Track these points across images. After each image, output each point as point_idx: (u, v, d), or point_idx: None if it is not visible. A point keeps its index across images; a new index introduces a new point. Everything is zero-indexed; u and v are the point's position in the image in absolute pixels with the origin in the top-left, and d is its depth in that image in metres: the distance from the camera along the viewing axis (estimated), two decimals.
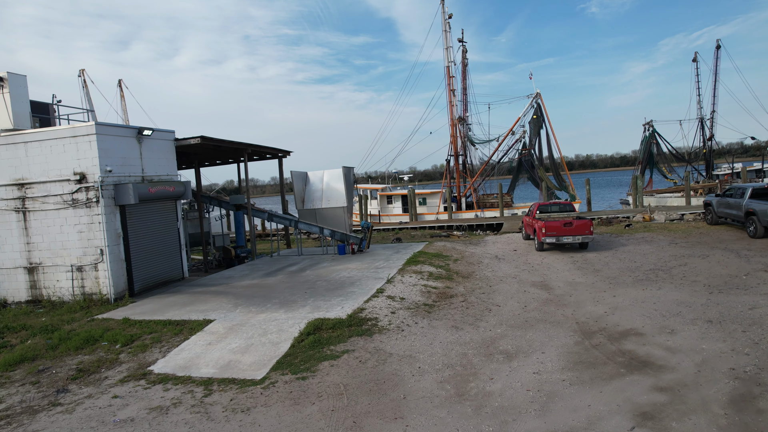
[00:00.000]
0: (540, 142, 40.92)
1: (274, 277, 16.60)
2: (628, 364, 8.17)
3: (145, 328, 11.13)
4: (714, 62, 43.44)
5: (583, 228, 19.46)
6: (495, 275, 16.03)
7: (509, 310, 11.85)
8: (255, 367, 8.77)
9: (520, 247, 21.85)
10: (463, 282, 14.92)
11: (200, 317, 11.69)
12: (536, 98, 40.22)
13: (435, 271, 16.01)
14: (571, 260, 18.20)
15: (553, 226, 19.54)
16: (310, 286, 14.61)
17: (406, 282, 14.30)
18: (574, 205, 22.54)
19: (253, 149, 20.94)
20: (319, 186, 22.30)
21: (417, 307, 11.91)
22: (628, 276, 14.98)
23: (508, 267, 17.44)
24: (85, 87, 48.06)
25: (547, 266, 17.34)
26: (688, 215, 28.54)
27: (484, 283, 14.78)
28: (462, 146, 43.81)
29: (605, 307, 11.68)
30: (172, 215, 17.08)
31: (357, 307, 11.60)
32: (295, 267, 18.31)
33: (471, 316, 11.41)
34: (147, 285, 15.61)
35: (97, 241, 14.08)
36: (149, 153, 16.06)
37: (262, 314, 11.68)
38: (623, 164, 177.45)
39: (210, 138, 17.61)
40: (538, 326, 10.54)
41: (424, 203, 42.56)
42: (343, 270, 16.88)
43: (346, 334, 9.93)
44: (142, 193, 14.96)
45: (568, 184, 40.70)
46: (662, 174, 46.68)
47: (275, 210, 23.43)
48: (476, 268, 17.11)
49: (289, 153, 24.29)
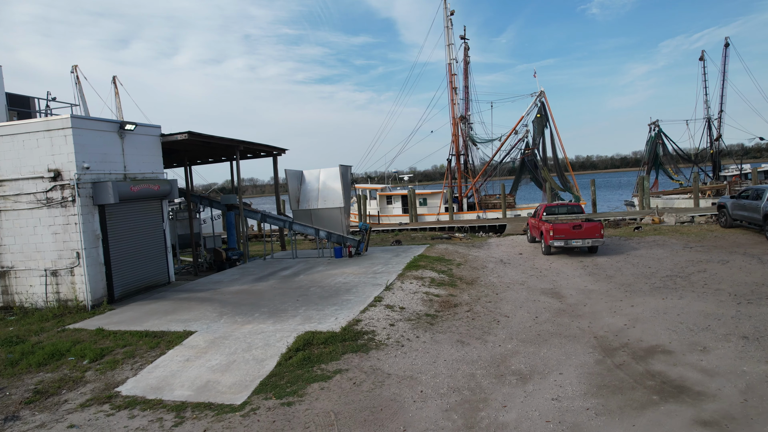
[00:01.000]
0: (544, 142, 39.93)
1: (265, 282, 15.56)
2: (660, 389, 7.15)
3: (119, 341, 10.10)
4: (722, 60, 42.44)
5: (593, 231, 18.45)
6: (501, 281, 15.01)
7: (519, 322, 10.83)
8: (235, 389, 7.74)
9: (526, 251, 20.83)
10: (468, 289, 13.89)
11: (181, 328, 10.66)
12: (540, 96, 39.22)
13: (437, 276, 14.99)
14: (581, 265, 17.18)
15: (562, 229, 18.53)
16: (303, 292, 13.59)
17: (406, 289, 13.27)
18: (582, 206, 21.50)
19: (245, 146, 19.91)
20: (315, 185, 21.28)
21: (418, 318, 10.88)
22: (643, 283, 13.97)
23: (514, 272, 16.42)
24: (78, 83, 46.94)
25: (556, 271, 16.32)
26: (699, 217, 27.53)
27: (490, 291, 13.75)
28: (463, 145, 42.79)
29: (624, 319, 10.66)
30: (158, 216, 16.04)
31: (352, 318, 10.57)
32: (289, 271, 17.28)
33: (477, 328, 10.38)
34: (129, 290, 14.58)
35: (74, 243, 13.04)
36: (132, 149, 15.03)
37: (249, 325, 10.64)
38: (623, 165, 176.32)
39: (198, 134, 16.58)
40: (552, 341, 9.52)
41: (425, 204, 41.53)
42: (339, 275, 15.85)
43: (340, 350, 8.90)
44: (123, 191, 13.93)
45: (573, 185, 39.70)
46: (668, 175, 45.65)
47: (269, 210, 22.39)
48: (481, 274, 16.08)
49: (284, 151, 23.25)
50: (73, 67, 47.22)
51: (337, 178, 20.21)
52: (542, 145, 40.07)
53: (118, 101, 53.56)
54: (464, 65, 44.30)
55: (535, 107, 39.97)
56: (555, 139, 39.38)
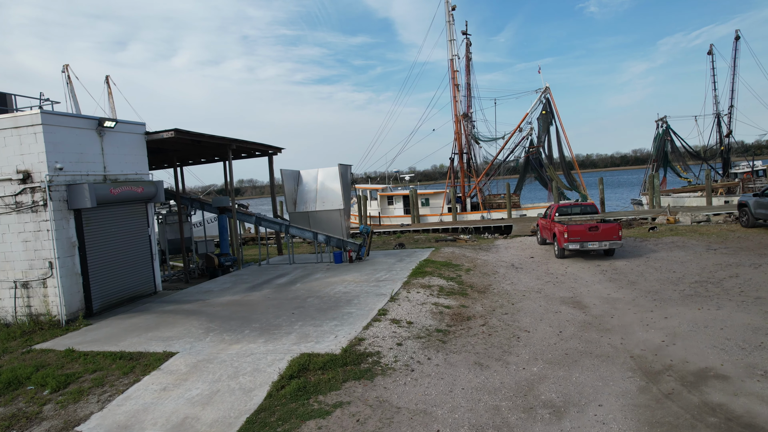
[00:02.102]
0: (549, 139, 38.71)
1: (259, 291, 14.34)
2: (727, 429, 5.93)
3: (90, 364, 8.88)
4: (732, 54, 41.22)
5: (611, 232, 17.23)
6: (515, 289, 13.79)
7: (542, 338, 9.62)
8: (217, 428, 6.52)
9: (538, 254, 19.62)
10: (480, 298, 12.67)
11: (161, 348, 9.44)
12: (545, 93, 38.01)
13: (446, 284, 13.77)
14: (599, 270, 15.97)
15: (577, 231, 17.31)
16: (300, 304, 12.37)
17: (413, 299, 12.06)
18: (596, 206, 20.29)
19: (238, 145, 18.69)
20: (312, 186, 20.06)
21: (428, 335, 9.66)
22: (672, 290, 12.76)
23: (528, 278, 15.20)
24: (69, 83, 45.69)
25: (574, 277, 15.11)
26: (715, 216, 26.33)
27: (505, 300, 12.54)
28: (466, 144, 41.55)
29: (661, 334, 9.45)
30: (142, 220, 14.82)
31: (354, 336, 9.35)
32: (285, 279, 16.05)
33: (496, 346, 9.17)
34: (109, 302, 13.36)
35: (46, 252, 11.83)
36: (113, 148, 13.81)
37: (237, 345, 9.42)
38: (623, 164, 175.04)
39: (185, 131, 15.37)
40: (583, 362, 8.31)
41: (427, 204, 40.30)
42: (339, 283, 14.63)
43: (340, 377, 7.68)
44: (102, 194, 12.72)
45: (579, 184, 38.49)
46: (676, 173, 44.42)
47: (264, 213, 21.16)
48: (492, 280, 14.87)
49: (281, 150, 22.05)
50: (64, 66, 45.99)
51: (336, 179, 19.00)
52: (547, 143, 38.87)
53: (111, 101, 52.31)
54: (466, 61, 43.08)
55: (540, 104, 38.77)
56: (561, 136, 38.16)
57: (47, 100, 16.08)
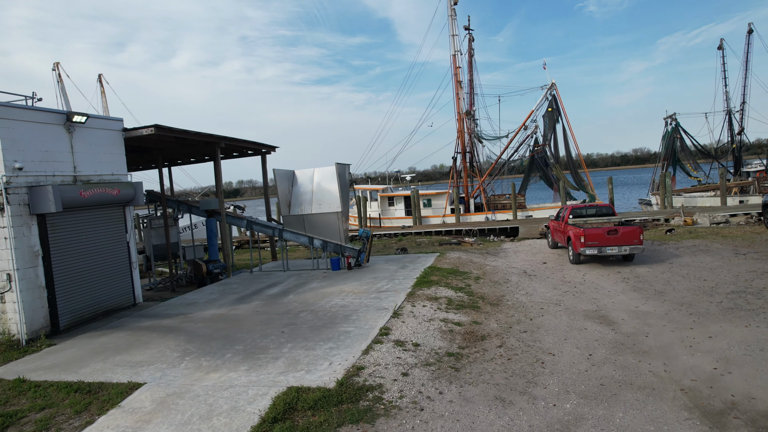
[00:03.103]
0: (555, 138, 37.35)
1: (248, 304, 12.98)
2: None
3: (39, 399, 7.52)
4: (745, 48, 39.82)
5: (631, 236, 15.87)
6: (531, 301, 12.43)
7: (570, 363, 8.26)
8: None
9: (550, 259, 18.26)
10: (494, 312, 11.31)
11: (126, 377, 8.09)
12: (551, 89, 36.66)
13: (454, 296, 12.41)
14: (620, 277, 14.61)
15: (595, 234, 15.95)
16: (291, 320, 11.00)
17: (418, 314, 10.69)
18: (612, 207, 18.92)
19: (227, 143, 17.32)
20: (308, 187, 18.70)
21: (439, 361, 8.29)
22: (707, 302, 11.41)
23: (544, 288, 13.84)
24: (60, 81, 44.39)
25: (593, 286, 13.75)
26: (734, 218, 24.96)
27: (522, 314, 11.17)
28: (469, 142, 40.17)
29: (710, 359, 8.09)
30: (119, 226, 13.46)
31: (352, 363, 7.99)
32: (277, 289, 14.68)
33: (518, 374, 7.81)
34: (80, 318, 12.00)
35: (3, 263, 10.47)
36: (85, 146, 12.46)
37: (215, 373, 8.06)
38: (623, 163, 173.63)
39: (167, 128, 14.01)
40: (624, 396, 6.95)
41: (429, 205, 38.91)
42: (336, 294, 13.26)
43: (335, 420, 6.32)
44: (70, 197, 11.37)
45: (587, 184, 37.15)
46: (685, 171, 43.05)
47: (256, 217, 19.80)
48: (505, 290, 13.51)
49: (275, 148, 20.69)
50: (55, 64, 44.69)
51: (334, 179, 17.64)
52: (554, 141, 37.51)
53: (104, 100, 51.00)
54: (469, 57, 41.70)
55: (545, 101, 37.44)
56: (568, 134, 36.79)
57: (32, 97, 14.77)
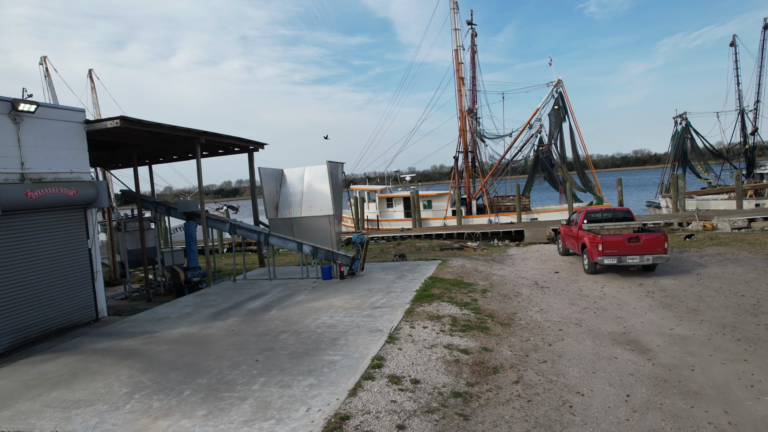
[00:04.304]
0: (562, 137, 35.75)
1: (223, 321, 11.37)
2: None
3: None
4: (760, 44, 38.12)
5: (655, 244, 14.27)
6: (547, 319, 10.83)
7: (604, 407, 6.67)
8: None
9: (562, 267, 16.66)
10: (506, 335, 9.71)
11: (51, 426, 6.49)
12: (558, 86, 35.07)
13: (459, 314, 10.81)
14: (643, 290, 13.03)
15: (614, 242, 14.36)
16: (269, 344, 9.40)
17: (418, 339, 9.10)
18: (630, 211, 17.33)
19: (208, 139, 15.72)
20: (298, 187, 17.10)
21: (443, 405, 6.69)
22: (753, 323, 9.84)
23: (560, 303, 12.24)
24: (47, 75, 42.60)
25: (616, 302, 12.15)
26: (755, 222, 23.39)
27: (538, 338, 9.58)
28: (471, 141, 38.56)
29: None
30: (79, 230, 11.86)
31: (335, 409, 6.38)
32: (259, 302, 13.08)
33: (543, 425, 6.21)
34: (27, 337, 10.41)
35: None
36: (36, 140, 10.86)
37: (164, 420, 6.46)
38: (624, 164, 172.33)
39: (136, 120, 12.40)
40: None
41: (429, 207, 37.27)
42: (325, 310, 11.66)
43: None
44: (12, 198, 9.78)
45: (594, 185, 35.56)
46: (695, 173, 41.47)
47: (240, 220, 18.19)
48: (516, 306, 11.91)
49: (263, 145, 19.09)
50: (42, 58, 42.89)
51: (326, 179, 16.04)
52: (560, 140, 35.91)
53: (94, 96, 49.22)
54: (471, 53, 40.09)
55: (551, 98, 35.83)
56: (575, 133, 35.20)
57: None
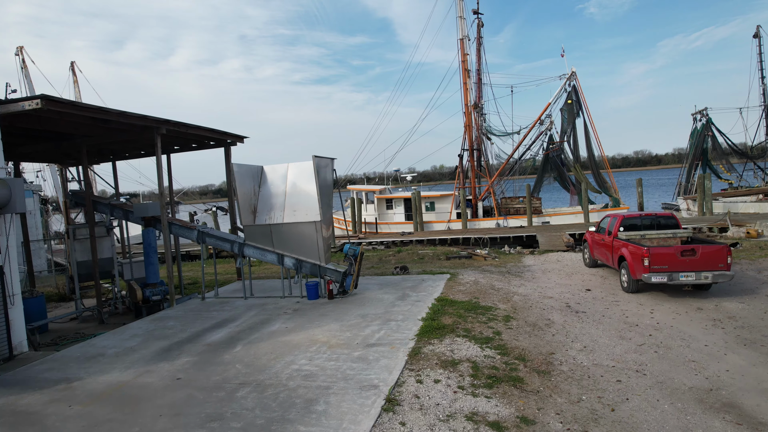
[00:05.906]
0: (575, 134, 33.12)
1: (171, 362, 8.69)
2: None
3: None
4: None
5: (716, 258, 11.62)
6: (596, 363, 8.16)
7: None
8: None
9: (594, 284, 13.99)
10: (548, 393, 7.02)
11: None
12: (571, 79, 32.44)
13: (481, 356, 8.12)
14: (706, 318, 10.38)
15: (664, 255, 11.70)
16: (220, 407, 6.72)
17: (428, 404, 6.42)
18: (675, 217, 14.65)
19: (171, 129, 13.03)
20: (280, 188, 14.43)
21: None
22: None
23: (605, 336, 9.55)
24: (24, 67, 39.98)
25: (677, 334, 9.48)
26: None
27: (593, 397, 6.90)
28: (477, 139, 35.89)
29: None
30: None
31: None
32: (224, 332, 10.39)
33: None
34: None
35: None
36: None
37: None
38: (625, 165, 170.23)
39: (67, 102, 9.72)
40: None
41: (432, 209, 34.58)
42: (304, 348, 8.98)
43: None
44: None
45: (610, 186, 32.94)
46: (715, 173, 38.81)
47: (210, 227, 15.46)
48: (551, 341, 9.22)
49: (242, 139, 16.43)
50: (18, 48, 40.27)
51: (312, 178, 13.37)
52: (573, 138, 33.28)
53: (77, 90, 46.73)
54: (477, 44, 37.45)
55: (564, 92, 33.22)
56: (589, 129, 32.55)
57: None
